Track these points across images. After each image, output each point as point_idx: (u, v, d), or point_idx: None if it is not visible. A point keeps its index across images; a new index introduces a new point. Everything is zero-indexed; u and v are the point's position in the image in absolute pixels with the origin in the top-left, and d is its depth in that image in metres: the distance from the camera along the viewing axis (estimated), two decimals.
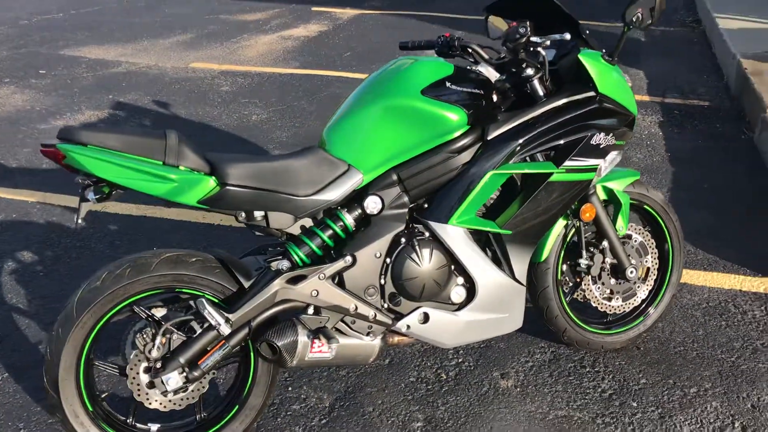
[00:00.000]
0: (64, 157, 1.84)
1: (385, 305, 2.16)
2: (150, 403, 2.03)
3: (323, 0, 9.56)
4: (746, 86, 5.16)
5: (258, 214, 2.04)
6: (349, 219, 2.11)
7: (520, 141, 2.12)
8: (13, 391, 2.45)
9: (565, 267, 2.50)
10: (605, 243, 2.44)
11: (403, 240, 2.13)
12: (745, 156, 4.41)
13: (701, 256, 3.26)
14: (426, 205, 2.17)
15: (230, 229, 3.55)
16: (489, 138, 2.13)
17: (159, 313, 2.05)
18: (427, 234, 2.15)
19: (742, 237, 3.42)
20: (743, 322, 2.79)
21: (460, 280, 2.20)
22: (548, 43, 2.13)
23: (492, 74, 2.26)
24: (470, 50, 2.31)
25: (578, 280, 2.50)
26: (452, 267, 2.18)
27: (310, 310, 2.08)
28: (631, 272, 2.47)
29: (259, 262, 2.15)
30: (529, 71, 2.20)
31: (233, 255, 2.14)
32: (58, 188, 3.98)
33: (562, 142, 2.15)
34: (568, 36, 2.09)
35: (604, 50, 2.29)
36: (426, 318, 2.17)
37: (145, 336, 1.98)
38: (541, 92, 2.22)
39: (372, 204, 2.11)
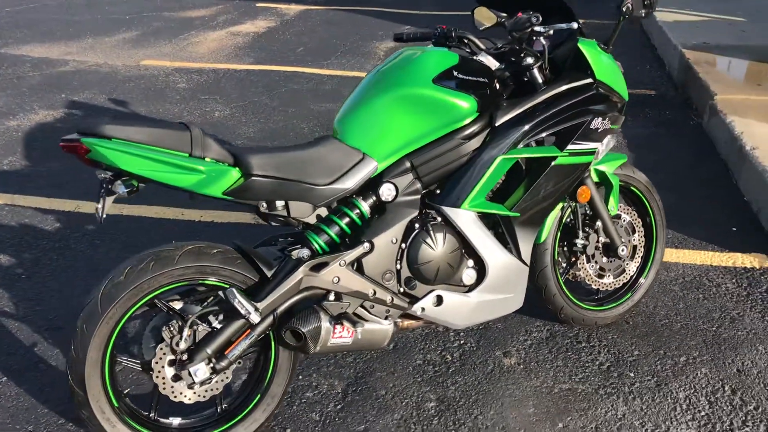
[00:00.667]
0: (87, 151, 1.83)
1: (401, 289, 2.21)
2: (175, 396, 2.03)
3: None
4: (690, 75, 5.43)
5: (279, 204, 2.06)
6: (365, 206, 2.16)
7: (527, 126, 2.21)
8: (16, 394, 2.40)
9: (558, 248, 2.61)
10: (599, 223, 2.57)
11: (417, 225, 2.20)
12: (695, 140, 4.64)
13: (671, 234, 3.44)
14: (438, 191, 2.23)
15: (212, 224, 3.54)
16: (497, 124, 2.21)
17: (177, 306, 2.05)
18: (439, 219, 2.22)
19: (704, 216, 3.62)
20: (718, 294, 2.97)
21: (471, 262, 2.28)
22: (551, 32, 2.23)
23: (492, 63, 2.34)
24: (466, 41, 2.39)
25: (573, 259, 2.62)
26: (463, 250, 2.25)
27: (331, 297, 2.12)
28: (622, 250, 2.61)
29: (274, 252, 2.18)
30: (529, 60, 2.29)
31: None
32: (24, 189, 3.88)
33: (564, 126, 2.26)
34: (575, 25, 2.19)
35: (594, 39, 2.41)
36: (440, 300, 2.24)
37: (171, 329, 1.98)
38: (540, 80, 2.32)
39: (387, 191, 2.16)
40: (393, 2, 9.23)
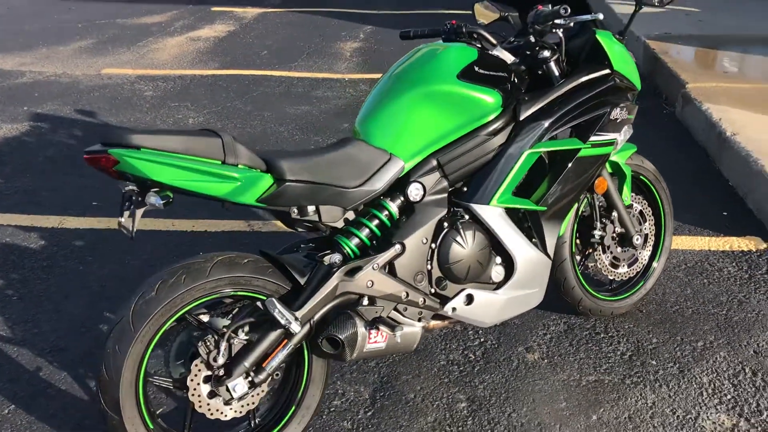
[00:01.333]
0: (116, 162, 1.74)
1: (432, 290, 2.18)
2: (212, 414, 1.95)
3: (219, 0, 9.36)
4: (658, 65, 5.53)
5: (310, 209, 2.00)
6: (393, 207, 2.12)
7: (551, 119, 2.20)
8: (27, 422, 2.28)
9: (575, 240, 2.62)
10: (614, 213, 2.58)
11: (446, 224, 2.17)
12: (671, 129, 4.73)
13: None
14: (465, 189, 2.21)
15: (205, 234, 3.44)
16: (521, 118, 2.20)
17: (204, 319, 1.98)
18: (467, 216, 2.20)
19: (694, 202, 3.69)
20: (722, 278, 3.02)
21: (499, 259, 2.26)
22: (572, 24, 2.22)
23: (507, 57, 2.33)
24: (476, 36, 2.37)
25: (589, 251, 2.62)
26: (491, 247, 2.23)
27: (365, 301, 2.07)
28: (637, 239, 2.63)
29: (301, 259, 2.12)
30: (546, 53, 2.29)
31: None
32: (0, 207, 3.70)
33: (586, 118, 2.26)
34: (601, 16, 2.19)
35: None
36: (470, 299, 2.22)
37: (207, 343, 1.90)
38: (557, 73, 2.31)
39: (415, 191, 2.13)
40: (350, 3, 9.18)
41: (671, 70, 5.20)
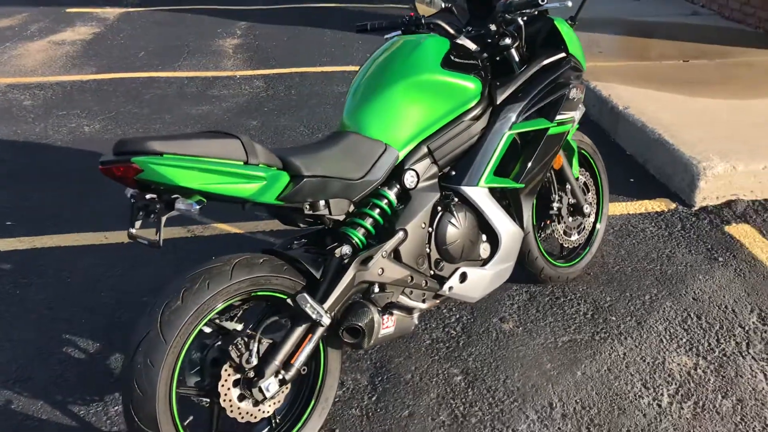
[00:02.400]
0: (138, 171, 1.68)
1: (432, 272, 2.27)
2: (242, 417, 1.94)
3: (71, 1, 8.82)
4: None
5: (321, 204, 2.03)
6: (392, 196, 2.19)
7: (524, 102, 2.36)
8: None
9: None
10: (568, 186, 2.78)
11: (439, 208, 2.26)
12: None
13: None
14: (453, 173, 2.31)
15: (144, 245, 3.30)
16: (497, 103, 2.33)
17: (219, 323, 1.96)
18: (456, 199, 2.30)
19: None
20: (646, 237, 3.34)
21: (484, 236, 2.39)
22: (537, 12, 2.38)
23: (471, 46, 2.45)
24: (433, 26, 2.47)
25: (546, 222, 2.82)
26: (478, 226, 2.36)
27: (376, 288, 2.13)
28: (587, 208, 2.85)
29: (305, 254, 2.13)
30: (508, 40, 2.43)
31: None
32: None
33: (551, 98, 2.43)
34: (569, 3, 2.35)
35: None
36: (464, 277, 2.33)
37: (238, 347, 1.88)
38: (517, 59, 2.47)
39: (410, 178, 2.21)
40: (215, 0, 8.98)
41: None
